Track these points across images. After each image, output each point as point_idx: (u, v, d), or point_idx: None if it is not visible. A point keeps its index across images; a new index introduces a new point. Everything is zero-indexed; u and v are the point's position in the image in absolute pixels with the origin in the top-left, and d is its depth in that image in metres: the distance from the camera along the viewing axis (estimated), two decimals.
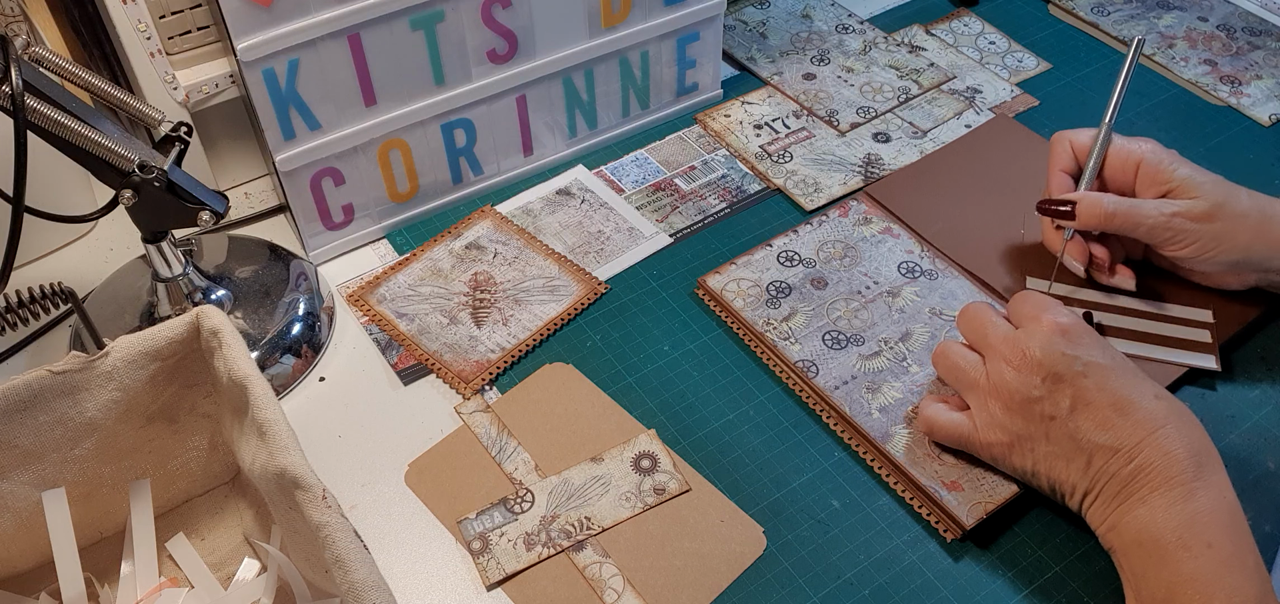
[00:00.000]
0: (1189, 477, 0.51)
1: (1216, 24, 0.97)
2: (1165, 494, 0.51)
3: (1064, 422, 0.54)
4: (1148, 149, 0.66)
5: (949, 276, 0.72)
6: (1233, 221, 0.63)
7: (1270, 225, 0.63)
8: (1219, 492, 0.51)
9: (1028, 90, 0.90)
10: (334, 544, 0.44)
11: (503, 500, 0.60)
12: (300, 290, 0.70)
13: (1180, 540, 0.49)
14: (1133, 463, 0.52)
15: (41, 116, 0.55)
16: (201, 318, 0.53)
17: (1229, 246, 0.63)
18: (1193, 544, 0.49)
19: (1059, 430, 0.55)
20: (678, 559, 0.57)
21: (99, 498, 0.55)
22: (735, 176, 0.82)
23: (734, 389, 0.66)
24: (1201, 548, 0.49)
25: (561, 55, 0.77)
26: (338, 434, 0.64)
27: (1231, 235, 0.63)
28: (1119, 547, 0.53)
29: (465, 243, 0.76)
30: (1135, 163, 0.66)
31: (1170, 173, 0.64)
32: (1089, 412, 0.54)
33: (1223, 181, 0.64)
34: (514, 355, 0.68)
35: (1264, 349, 0.68)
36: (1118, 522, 0.52)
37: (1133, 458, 0.52)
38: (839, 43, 0.95)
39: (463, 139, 0.77)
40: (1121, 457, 0.52)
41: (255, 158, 0.81)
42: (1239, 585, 0.48)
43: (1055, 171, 0.68)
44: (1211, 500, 0.50)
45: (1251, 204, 0.63)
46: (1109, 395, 0.54)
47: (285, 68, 0.67)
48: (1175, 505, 0.50)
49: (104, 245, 0.78)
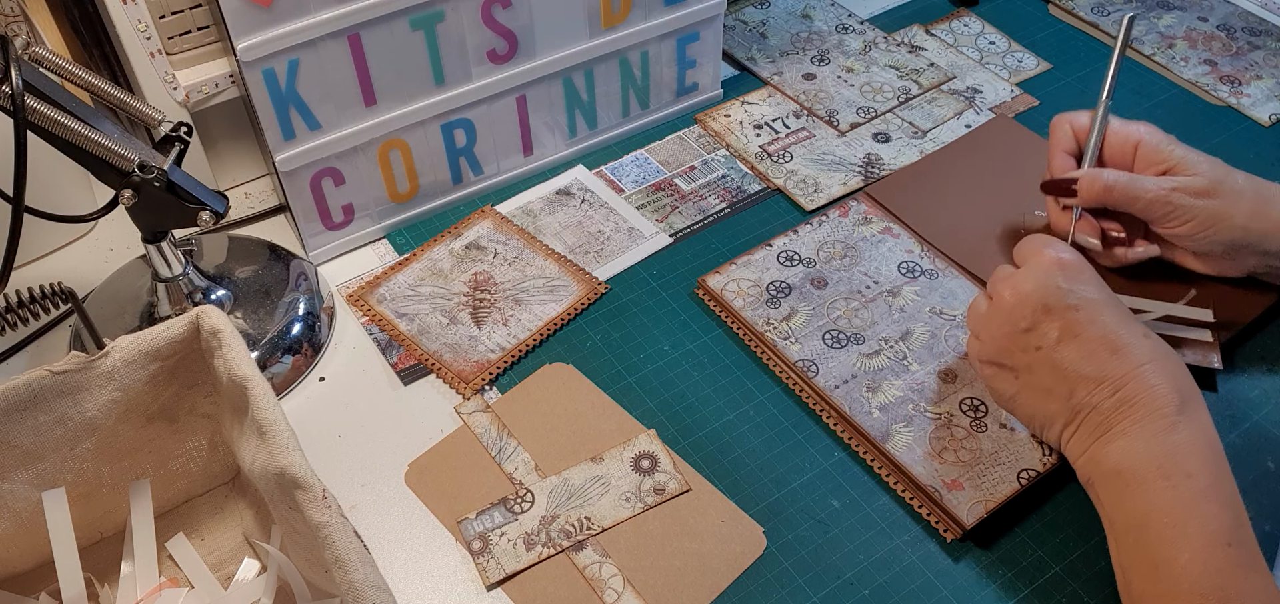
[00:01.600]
0: (1172, 411, 0.52)
1: (1216, 24, 0.97)
2: (1148, 426, 0.52)
3: (1049, 352, 0.56)
4: (1145, 130, 0.67)
5: (949, 276, 0.72)
6: (1230, 199, 0.64)
7: (1267, 205, 0.64)
8: (1200, 426, 0.52)
9: (1028, 90, 0.90)
10: (334, 544, 0.44)
11: (503, 500, 0.60)
12: (300, 290, 0.70)
13: (1160, 470, 0.50)
14: (1116, 394, 0.53)
15: (41, 116, 0.55)
16: (201, 318, 0.53)
17: (1227, 225, 0.64)
18: (1172, 474, 0.50)
19: (1043, 361, 0.56)
20: (678, 559, 0.57)
21: (99, 498, 0.55)
22: (735, 176, 0.82)
23: (734, 389, 0.66)
24: (1181, 477, 0.50)
25: (561, 55, 0.77)
26: (338, 434, 0.64)
27: (1229, 213, 0.64)
28: (1096, 477, 0.53)
29: (465, 243, 0.76)
30: (1134, 144, 0.67)
31: (1168, 152, 0.65)
32: (1077, 343, 0.55)
33: (1219, 163, 0.65)
34: (514, 355, 0.68)
35: (1264, 349, 0.68)
36: (1098, 452, 0.53)
37: (1117, 389, 0.53)
38: (839, 43, 0.95)
39: (463, 139, 0.77)
40: (1106, 388, 0.53)
41: (255, 158, 0.81)
42: (1214, 514, 0.49)
43: (1057, 153, 0.69)
44: (1192, 434, 0.51)
45: (1248, 184, 0.64)
46: (1099, 330, 0.55)
47: (285, 68, 0.67)
48: (1156, 437, 0.51)
49: (104, 245, 0.78)
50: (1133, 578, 0.50)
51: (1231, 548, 0.48)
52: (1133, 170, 0.67)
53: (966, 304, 0.70)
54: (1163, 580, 0.48)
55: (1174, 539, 0.48)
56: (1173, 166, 0.65)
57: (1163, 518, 0.49)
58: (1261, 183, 0.65)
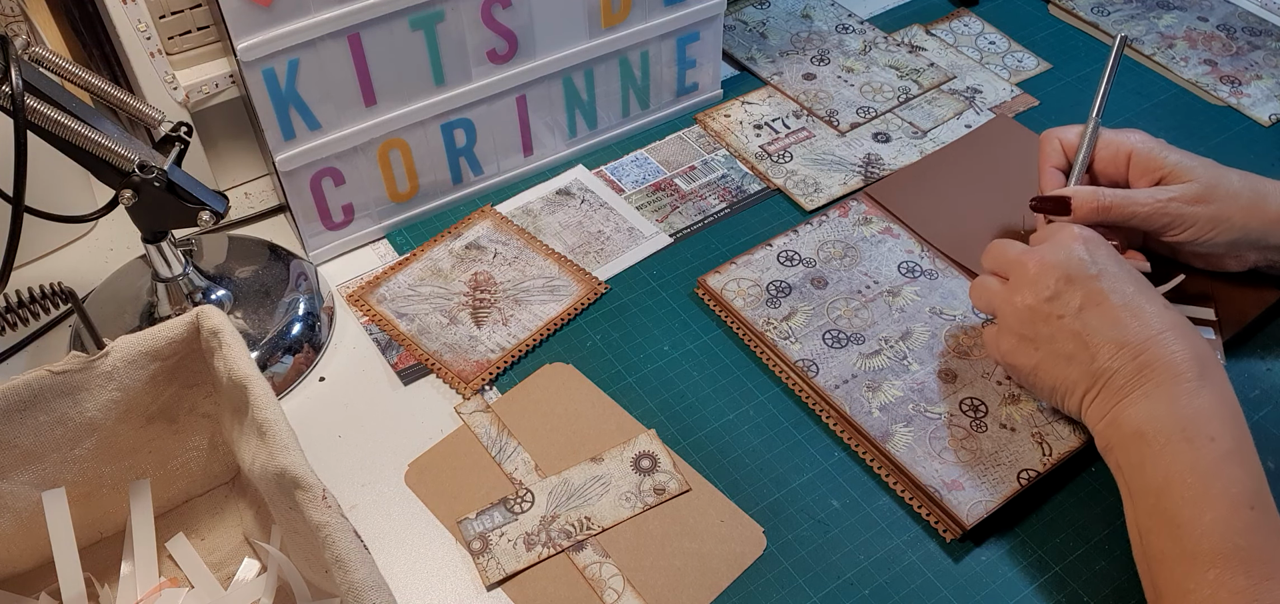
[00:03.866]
0: (1193, 376, 0.53)
1: (1216, 24, 0.97)
2: (1170, 389, 0.53)
3: (1072, 320, 0.57)
4: (1137, 139, 0.67)
5: (949, 276, 0.72)
6: (1226, 201, 0.64)
7: (1263, 202, 0.64)
8: (1222, 392, 0.53)
9: (1028, 90, 0.90)
10: (334, 544, 0.44)
11: (503, 500, 0.60)
12: (300, 290, 0.70)
13: (1183, 432, 0.51)
14: (1138, 359, 0.54)
15: (41, 116, 0.55)
16: (201, 318, 0.53)
17: (1225, 227, 0.64)
18: (1196, 436, 0.51)
19: (1066, 330, 0.57)
20: (678, 559, 0.57)
21: (99, 498, 0.55)
22: (735, 176, 0.82)
23: (734, 389, 0.66)
24: (1204, 441, 0.50)
25: (561, 55, 0.77)
26: (338, 434, 0.64)
27: (1226, 215, 0.64)
28: (1116, 441, 0.54)
29: (465, 243, 0.76)
30: (1126, 154, 0.67)
31: (1161, 160, 0.65)
32: (1099, 310, 0.56)
33: (1212, 164, 0.65)
34: (514, 355, 0.68)
35: (1264, 349, 0.68)
36: (1118, 416, 0.54)
37: (1138, 354, 0.54)
38: (839, 43, 0.95)
39: (463, 139, 0.77)
40: (1128, 352, 0.54)
41: (255, 158, 0.81)
42: (1237, 476, 0.49)
43: (1047, 169, 0.69)
44: (1214, 398, 0.52)
45: (1243, 184, 0.65)
46: (1120, 297, 0.56)
47: (285, 68, 0.67)
48: (1180, 400, 0.52)
49: (104, 245, 0.78)
50: (1151, 540, 0.51)
51: (1254, 511, 0.48)
52: (1126, 180, 0.67)
53: (966, 304, 0.70)
54: (1184, 540, 0.49)
55: (1197, 500, 0.49)
56: (1166, 174, 0.65)
57: (1186, 479, 0.50)
58: (1256, 179, 0.65)
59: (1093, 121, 0.68)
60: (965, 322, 0.68)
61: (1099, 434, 0.56)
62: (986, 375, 0.65)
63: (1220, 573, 0.47)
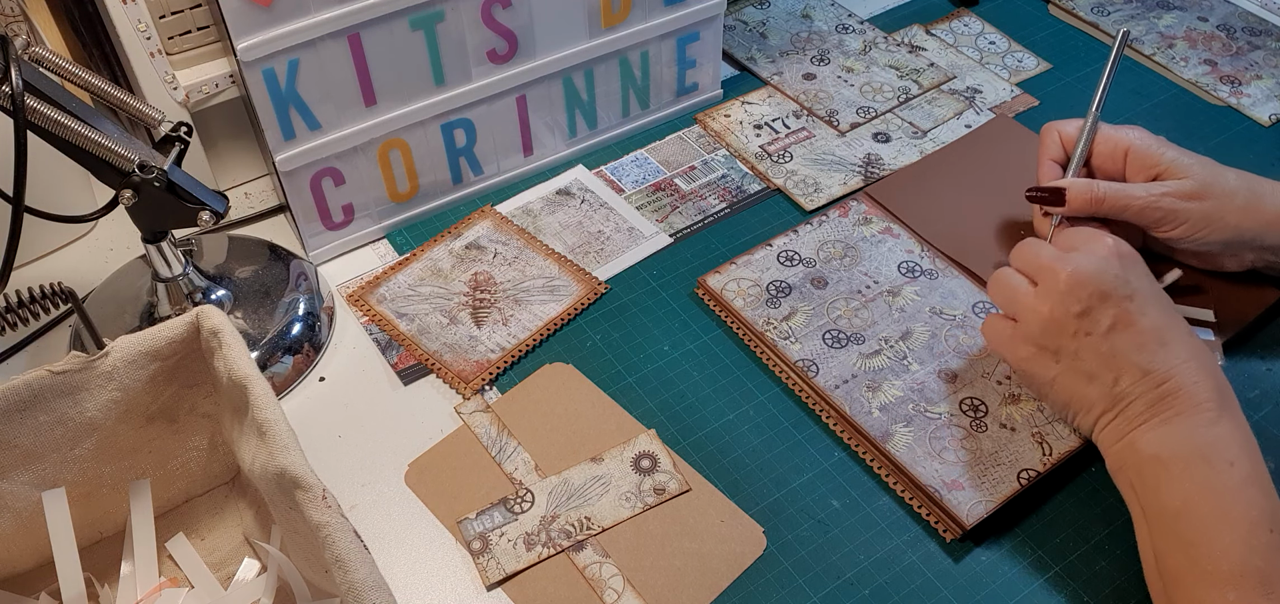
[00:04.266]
0: (1214, 406, 0.53)
1: (1216, 24, 0.97)
2: (1191, 418, 0.53)
3: (1099, 339, 0.56)
4: (1136, 135, 0.67)
5: (949, 276, 0.72)
6: (1222, 200, 0.64)
7: (1259, 202, 0.64)
8: (1239, 421, 0.53)
9: (1028, 90, 0.90)
10: (334, 544, 0.44)
11: (503, 500, 0.60)
12: (300, 290, 0.70)
13: (1203, 456, 0.51)
14: (1160, 388, 0.54)
15: (41, 116, 0.55)
16: (201, 318, 0.53)
17: (1220, 225, 0.64)
18: (1215, 460, 0.51)
19: (1090, 348, 0.56)
20: (678, 559, 0.57)
21: (99, 498, 0.55)
22: (735, 176, 0.82)
23: (734, 389, 0.66)
24: (1223, 465, 0.51)
25: (561, 55, 0.77)
26: (338, 434, 0.64)
27: (1221, 214, 0.64)
28: (1132, 463, 0.54)
29: (465, 243, 0.76)
30: (1124, 149, 0.67)
31: (1158, 156, 0.65)
32: (1129, 333, 0.56)
33: (1210, 162, 0.65)
34: (514, 355, 0.68)
35: (1264, 349, 0.68)
36: (1136, 440, 0.54)
37: (1161, 383, 0.54)
38: (839, 43, 0.95)
39: (463, 139, 0.77)
40: (1151, 379, 0.54)
41: (255, 158, 0.81)
42: (1256, 500, 0.50)
43: (1045, 161, 0.69)
44: (1233, 427, 0.53)
45: (1240, 183, 0.64)
46: (1150, 321, 0.56)
47: (285, 68, 0.67)
48: (1200, 428, 0.52)
49: (104, 245, 0.78)
50: (1168, 561, 0.51)
51: (1273, 534, 0.49)
52: (1124, 176, 0.67)
53: (966, 304, 0.70)
54: (1202, 561, 0.49)
55: (1216, 522, 0.49)
56: (1163, 170, 0.65)
57: (1206, 502, 0.50)
58: (1253, 179, 0.65)
59: (1092, 116, 0.68)
60: (966, 321, 0.68)
61: (1111, 456, 0.56)
62: (986, 375, 0.65)
63: (1239, 593, 0.47)
